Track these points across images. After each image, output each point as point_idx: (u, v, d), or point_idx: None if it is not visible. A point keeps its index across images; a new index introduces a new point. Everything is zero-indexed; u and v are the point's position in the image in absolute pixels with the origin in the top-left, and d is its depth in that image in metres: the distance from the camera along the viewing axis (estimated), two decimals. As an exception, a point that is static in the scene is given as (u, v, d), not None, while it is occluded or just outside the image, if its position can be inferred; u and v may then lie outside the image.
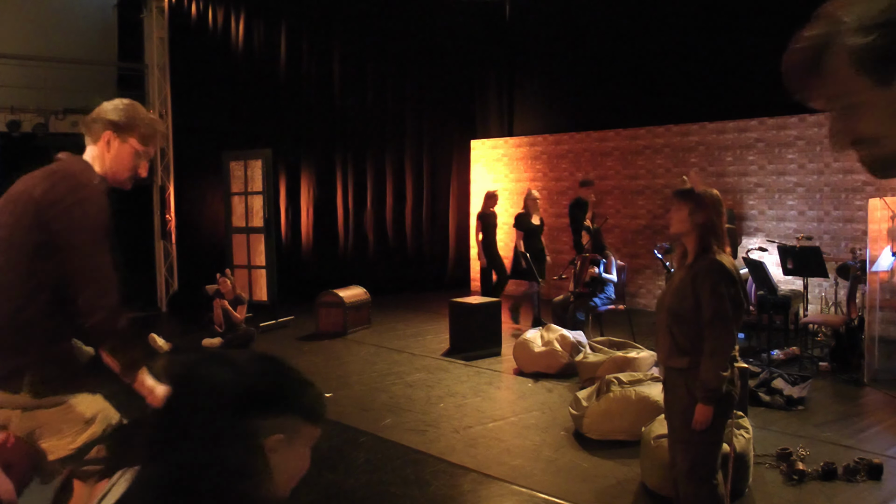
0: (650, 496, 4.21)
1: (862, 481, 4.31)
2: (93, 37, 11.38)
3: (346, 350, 8.24)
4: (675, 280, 3.31)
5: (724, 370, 3.12)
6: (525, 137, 12.18)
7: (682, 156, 10.11)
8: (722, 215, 3.25)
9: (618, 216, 10.70)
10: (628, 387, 5.17)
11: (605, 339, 7.01)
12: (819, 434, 5.15)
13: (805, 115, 8.98)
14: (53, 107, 10.10)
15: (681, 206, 3.25)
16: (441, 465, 4.73)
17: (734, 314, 3.13)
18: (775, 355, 7.11)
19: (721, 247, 3.21)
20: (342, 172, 12.20)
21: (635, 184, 10.57)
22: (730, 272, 3.14)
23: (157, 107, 10.92)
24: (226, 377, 1.23)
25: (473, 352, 7.74)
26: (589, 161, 11.19)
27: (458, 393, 6.41)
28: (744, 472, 4.18)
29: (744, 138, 9.50)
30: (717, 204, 3.23)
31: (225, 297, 8.58)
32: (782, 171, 9.15)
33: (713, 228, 3.19)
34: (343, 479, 4.53)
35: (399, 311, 10.55)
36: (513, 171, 12.20)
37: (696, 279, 3.16)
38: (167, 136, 10.90)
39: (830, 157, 8.77)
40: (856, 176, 8.55)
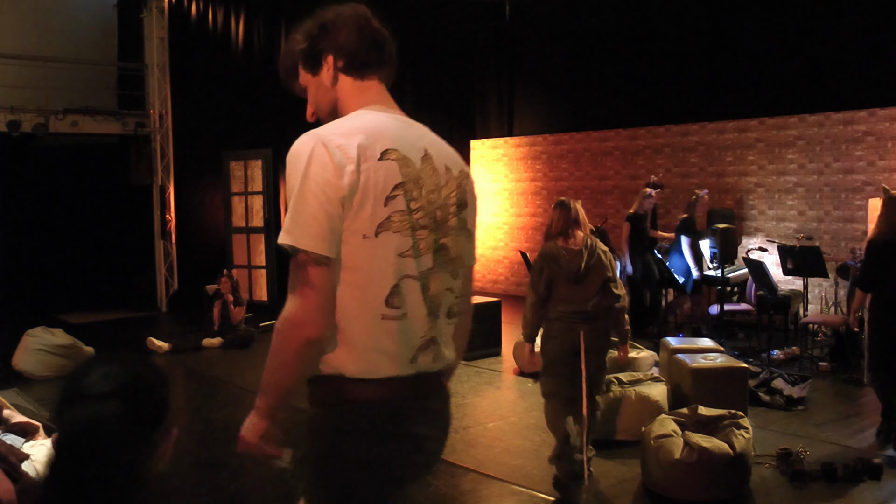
0: (650, 496, 4.20)
1: (862, 481, 4.30)
2: (93, 37, 11.37)
3: (346, 350, 8.22)
4: None
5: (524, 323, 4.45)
6: (525, 137, 12.19)
7: (682, 156, 10.11)
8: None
9: (618, 216, 10.69)
10: (628, 387, 5.17)
11: (604, 339, 6.99)
12: (819, 434, 5.14)
13: (805, 116, 8.98)
14: (53, 107, 10.09)
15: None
16: (441, 465, 4.73)
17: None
18: (775, 355, 7.11)
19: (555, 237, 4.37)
20: (342, 172, 12.18)
21: (635, 184, 10.56)
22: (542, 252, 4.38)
23: (157, 107, 10.92)
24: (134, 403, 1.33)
25: (473, 352, 7.73)
26: (589, 161, 11.19)
27: (458, 393, 6.40)
28: (744, 472, 4.18)
29: (744, 138, 9.50)
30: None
31: (226, 295, 8.58)
32: (782, 171, 9.15)
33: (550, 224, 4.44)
34: (343, 479, 4.52)
35: (399, 311, 10.53)
36: (513, 171, 12.20)
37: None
38: (167, 136, 10.90)
39: (830, 157, 8.78)
40: (856, 176, 8.56)
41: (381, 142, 1.74)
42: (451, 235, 1.85)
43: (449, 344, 1.92)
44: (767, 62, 9.49)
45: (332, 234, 1.67)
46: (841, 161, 8.69)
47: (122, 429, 1.29)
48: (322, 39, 1.88)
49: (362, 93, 1.90)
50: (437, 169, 1.85)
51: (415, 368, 1.79)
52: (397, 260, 1.73)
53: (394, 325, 1.73)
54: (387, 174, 1.72)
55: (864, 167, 8.52)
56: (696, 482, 4.07)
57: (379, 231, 1.70)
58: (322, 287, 1.68)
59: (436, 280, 1.81)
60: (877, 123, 8.42)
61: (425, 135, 1.92)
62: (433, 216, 1.80)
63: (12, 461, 2.89)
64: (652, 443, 4.24)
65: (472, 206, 1.95)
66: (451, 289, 1.88)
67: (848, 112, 8.64)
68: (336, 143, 1.69)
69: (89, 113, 10.48)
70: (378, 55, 1.92)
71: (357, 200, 1.68)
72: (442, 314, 1.85)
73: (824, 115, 8.83)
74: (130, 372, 1.36)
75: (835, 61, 8.93)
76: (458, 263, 1.89)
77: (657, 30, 10.59)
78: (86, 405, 1.29)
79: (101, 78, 11.38)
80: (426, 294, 1.79)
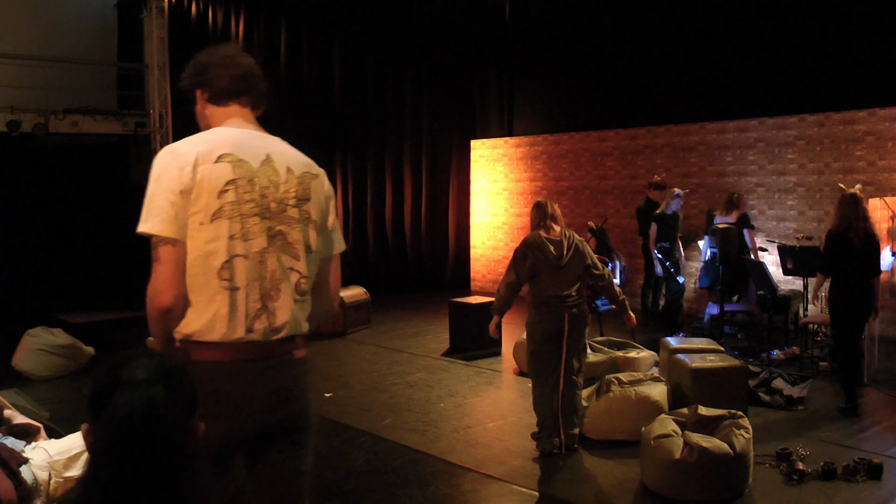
0: (650, 496, 4.21)
1: (862, 481, 4.31)
2: (93, 37, 11.37)
3: (346, 350, 8.24)
4: None
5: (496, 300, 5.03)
6: (525, 137, 12.19)
7: (682, 156, 10.11)
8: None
9: (618, 216, 10.70)
10: (628, 387, 5.18)
11: (605, 339, 7.01)
12: (819, 434, 5.14)
13: (805, 115, 8.98)
14: (53, 107, 10.10)
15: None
16: (441, 465, 4.73)
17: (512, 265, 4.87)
18: (775, 355, 7.11)
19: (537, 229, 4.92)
20: (342, 172, 12.20)
21: (635, 184, 10.57)
22: (527, 241, 4.85)
23: (157, 107, 10.92)
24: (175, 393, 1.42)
25: (473, 352, 7.74)
26: (589, 161, 11.19)
27: (458, 393, 6.41)
28: (744, 472, 4.18)
29: (744, 138, 9.50)
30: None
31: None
32: (782, 171, 9.15)
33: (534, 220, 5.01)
34: (343, 479, 4.53)
35: (399, 311, 10.55)
36: (513, 171, 12.20)
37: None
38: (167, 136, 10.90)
39: (830, 157, 8.78)
40: (856, 176, 8.55)
41: (220, 148, 2.16)
42: (288, 224, 2.21)
43: (295, 317, 2.22)
44: (767, 62, 9.49)
45: (176, 220, 2.07)
46: (841, 161, 8.69)
47: (171, 412, 1.38)
48: (194, 79, 2.38)
49: (225, 116, 2.34)
50: (278, 170, 2.23)
51: (249, 336, 2.13)
52: (228, 242, 2.11)
53: (226, 296, 2.10)
54: (220, 173, 2.12)
55: (864, 167, 8.52)
56: (696, 482, 4.07)
57: (214, 218, 2.10)
58: (170, 262, 2.08)
59: (272, 259, 2.17)
60: (877, 123, 8.42)
61: (273, 144, 2.31)
62: (267, 207, 2.18)
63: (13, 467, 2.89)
64: (652, 443, 4.24)
65: (318, 201, 2.30)
66: (295, 269, 2.22)
67: (848, 112, 8.64)
68: (179, 151, 2.14)
69: (89, 113, 10.48)
70: (239, 86, 2.33)
71: (195, 194, 2.08)
72: (286, 290, 2.20)
73: (824, 115, 8.83)
74: (164, 362, 1.46)
75: (835, 61, 8.93)
76: (299, 248, 2.23)
77: (657, 30, 10.59)
78: (136, 390, 1.37)
79: (101, 78, 11.38)
80: (261, 271, 2.16)
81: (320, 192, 2.32)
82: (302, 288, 2.24)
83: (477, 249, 12.76)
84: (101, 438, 1.36)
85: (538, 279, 4.76)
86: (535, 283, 4.78)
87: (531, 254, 4.75)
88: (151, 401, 1.36)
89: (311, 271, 2.27)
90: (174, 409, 1.39)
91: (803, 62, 9.18)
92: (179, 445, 1.37)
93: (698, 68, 10.11)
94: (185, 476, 1.36)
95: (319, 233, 2.29)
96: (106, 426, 1.35)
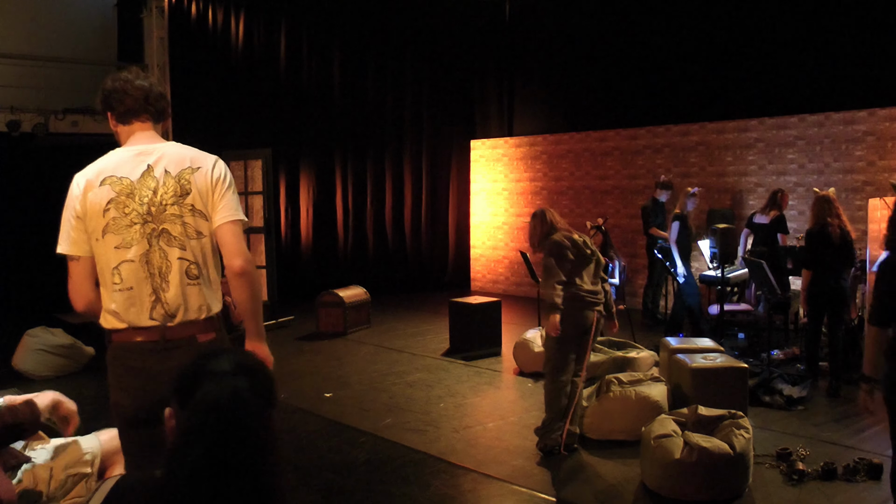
0: (650, 496, 4.21)
1: (862, 481, 4.31)
2: (93, 37, 11.37)
3: (346, 350, 8.24)
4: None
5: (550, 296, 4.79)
6: (525, 137, 12.18)
7: (682, 156, 10.11)
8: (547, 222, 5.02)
9: (618, 216, 10.70)
10: (628, 387, 5.18)
11: (605, 339, 7.01)
12: (819, 434, 5.15)
13: (805, 115, 8.98)
14: (53, 107, 10.09)
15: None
16: (441, 465, 4.73)
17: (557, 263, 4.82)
18: (775, 355, 7.10)
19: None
20: (342, 172, 12.20)
21: (635, 184, 10.57)
22: (558, 241, 4.88)
23: (157, 107, 10.91)
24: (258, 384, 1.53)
25: (473, 352, 7.74)
26: (589, 161, 11.19)
27: (458, 393, 6.41)
28: (744, 472, 4.18)
29: (744, 138, 9.50)
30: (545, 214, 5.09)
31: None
32: (782, 171, 9.15)
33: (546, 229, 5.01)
34: (343, 479, 4.53)
35: (399, 311, 10.55)
36: (513, 171, 12.20)
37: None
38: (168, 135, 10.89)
39: (830, 157, 8.78)
40: (856, 176, 8.56)
41: (105, 172, 2.64)
42: (170, 221, 2.60)
43: (188, 300, 2.64)
44: (767, 62, 9.49)
45: (77, 242, 2.61)
46: (841, 161, 8.69)
47: (255, 402, 1.49)
48: (103, 104, 2.78)
49: (129, 133, 2.75)
50: (156, 177, 2.62)
51: (151, 322, 2.60)
52: (115, 251, 2.58)
53: (122, 295, 2.60)
54: (102, 196, 2.59)
55: (864, 167, 8.52)
56: (696, 482, 4.07)
57: (103, 234, 2.58)
58: (75, 275, 2.66)
59: (155, 257, 2.60)
60: (877, 123, 8.42)
61: (159, 151, 2.68)
62: (148, 212, 2.59)
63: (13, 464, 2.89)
64: (652, 443, 4.24)
65: (199, 190, 2.65)
66: (183, 258, 2.62)
67: (848, 112, 8.64)
68: (76, 182, 2.65)
69: (89, 113, 10.47)
70: (138, 107, 2.72)
71: (87, 217, 2.59)
72: (174, 279, 2.61)
73: (824, 115, 8.83)
74: (247, 357, 1.59)
75: (835, 61, 8.92)
76: (183, 239, 2.62)
77: (657, 30, 10.58)
78: (224, 379, 1.49)
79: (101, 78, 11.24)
80: (148, 269, 2.60)
81: (202, 181, 2.65)
82: (192, 273, 2.64)
83: (477, 249, 12.76)
84: (188, 422, 1.47)
85: (575, 276, 4.82)
86: (571, 280, 4.82)
87: (570, 251, 4.82)
88: (236, 390, 1.48)
89: (201, 255, 2.66)
90: (256, 399, 1.49)
91: (803, 62, 9.18)
92: (260, 433, 1.47)
93: (698, 68, 10.11)
94: (263, 462, 1.46)
95: (208, 217, 2.66)
96: (194, 411, 1.47)
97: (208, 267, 2.68)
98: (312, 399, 6.29)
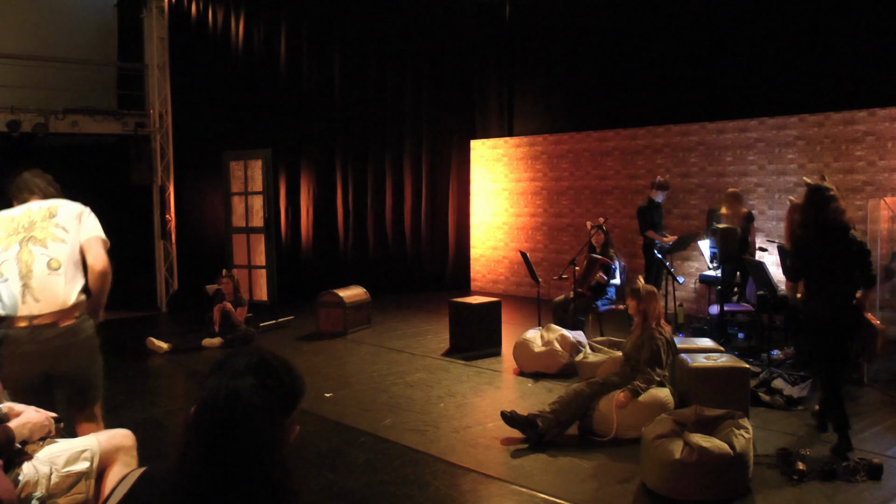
0: (650, 496, 4.21)
1: (862, 481, 4.31)
2: (93, 37, 11.38)
3: (346, 350, 8.24)
4: (633, 337, 5.40)
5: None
6: (525, 137, 12.19)
7: (682, 156, 10.11)
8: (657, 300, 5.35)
9: (618, 216, 10.70)
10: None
11: (605, 339, 7.00)
12: (819, 434, 5.14)
13: (805, 116, 8.98)
14: (53, 107, 10.10)
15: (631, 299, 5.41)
16: (441, 465, 4.73)
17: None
18: (775, 355, 7.10)
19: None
20: (342, 172, 12.20)
21: (635, 184, 10.57)
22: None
23: (157, 107, 10.93)
24: (276, 382, 1.54)
25: (473, 352, 7.74)
26: (589, 161, 11.20)
27: (458, 393, 6.41)
28: (744, 472, 4.18)
29: (744, 138, 9.50)
30: (652, 294, 5.33)
31: (226, 298, 8.58)
32: (782, 171, 9.15)
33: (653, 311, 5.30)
34: (343, 479, 4.53)
35: (399, 311, 10.55)
36: (513, 171, 12.20)
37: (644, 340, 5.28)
38: (167, 136, 10.91)
39: (830, 157, 8.78)
40: (856, 176, 8.56)
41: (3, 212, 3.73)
42: (38, 231, 3.63)
43: (51, 289, 3.54)
44: (767, 62, 9.49)
45: None
46: (841, 161, 8.69)
47: (257, 403, 1.49)
48: (12, 196, 3.84)
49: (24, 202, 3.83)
50: (31, 209, 3.71)
51: (23, 310, 3.50)
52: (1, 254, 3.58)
53: (4, 286, 3.52)
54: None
55: (864, 167, 8.52)
56: (696, 482, 4.07)
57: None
58: None
59: (24, 255, 3.56)
60: (877, 123, 8.42)
61: (41, 202, 3.77)
62: (22, 227, 3.64)
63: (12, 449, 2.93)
64: (652, 443, 4.24)
65: (64, 215, 3.71)
66: (45, 254, 3.57)
67: (848, 112, 8.64)
68: None
69: (89, 113, 10.48)
70: (33, 189, 3.85)
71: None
72: (38, 270, 3.54)
73: (824, 115, 8.82)
74: (269, 359, 1.59)
75: (835, 61, 8.93)
76: (46, 241, 3.60)
77: (657, 30, 10.59)
78: (226, 378, 1.51)
79: (101, 78, 11.38)
80: (18, 265, 3.54)
81: (67, 211, 3.72)
82: (52, 265, 3.57)
83: (477, 249, 12.76)
84: (190, 420, 1.50)
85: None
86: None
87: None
88: (236, 390, 1.48)
89: (61, 253, 3.60)
90: (263, 401, 1.49)
91: (803, 62, 9.18)
92: (264, 435, 1.48)
93: (698, 68, 10.11)
94: (270, 461, 1.47)
95: (66, 230, 3.65)
96: (196, 409, 1.50)
97: (64, 263, 3.58)
98: (312, 399, 6.28)
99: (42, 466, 2.91)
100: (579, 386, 5.31)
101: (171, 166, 10.95)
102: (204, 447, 1.45)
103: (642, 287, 5.36)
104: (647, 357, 5.18)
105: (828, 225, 4.78)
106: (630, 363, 5.35)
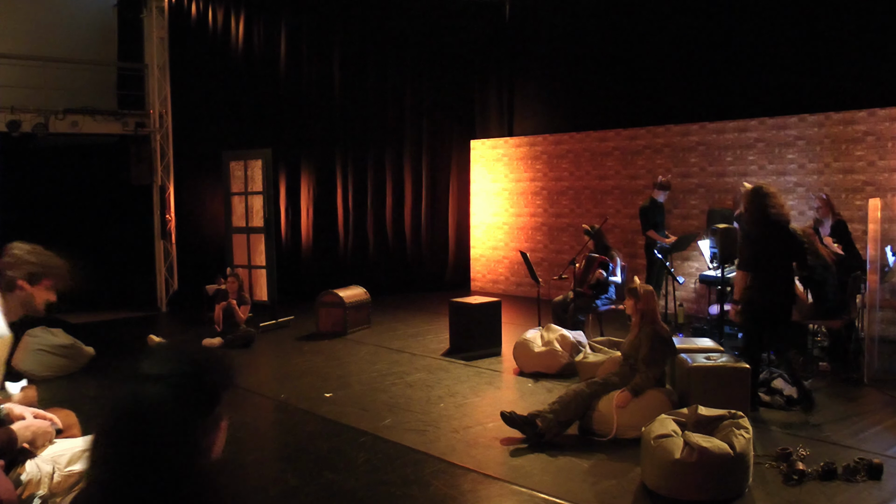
0: (650, 496, 4.21)
1: (862, 481, 4.31)
2: (93, 37, 11.37)
3: (346, 350, 8.24)
4: (631, 336, 5.39)
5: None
6: (525, 137, 12.19)
7: (682, 156, 10.11)
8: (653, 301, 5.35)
9: (618, 216, 10.70)
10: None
11: (605, 339, 7.00)
12: (819, 434, 5.15)
13: (805, 116, 8.98)
14: (53, 107, 10.10)
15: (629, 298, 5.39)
16: (441, 465, 4.73)
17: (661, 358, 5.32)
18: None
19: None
20: (342, 172, 12.20)
21: (635, 184, 10.57)
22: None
23: (157, 107, 10.93)
24: (201, 379, 1.43)
25: (473, 352, 7.74)
26: (589, 161, 11.20)
27: (458, 393, 6.41)
28: (744, 472, 4.18)
29: (744, 138, 9.50)
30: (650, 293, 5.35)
31: (231, 297, 8.58)
32: (782, 171, 9.15)
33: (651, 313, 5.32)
34: (343, 479, 4.53)
35: (399, 311, 10.55)
36: (513, 171, 12.20)
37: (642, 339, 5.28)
38: (167, 136, 10.90)
39: (830, 157, 8.78)
40: (856, 176, 8.56)
41: None
42: None
43: None
44: (767, 62, 9.49)
45: None
46: (841, 161, 8.69)
47: (165, 411, 1.35)
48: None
49: None
50: None
51: None
52: None
53: None
54: None
55: (864, 167, 8.52)
56: (696, 482, 4.07)
57: None
58: None
59: None
60: (877, 123, 8.42)
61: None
62: None
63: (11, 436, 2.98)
64: (652, 443, 4.24)
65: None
66: None
67: (848, 112, 8.64)
68: None
69: (89, 113, 10.48)
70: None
71: None
72: None
73: (824, 115, 8.82)
74: (183, 359, 1.45)
75: (835, 61, 8.93)
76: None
77: (657, 30, 10.59)
78: (132, 384, 1.38)
79: (101, 78, 11.38)
80: None
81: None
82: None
83: (477, 249, 12.76)
84: (97, 425, 1.39)
85: None
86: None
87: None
88: (139, 398, 1.35)
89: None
90: (173, 408, 1.36)
91: (803, 62, 9.18)
92: (173, 442, 1.35)
93: (698, 68, 10.11)
94: (180, 469, 1.34)
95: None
96: (103, 414, 1.38)
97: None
98: (312, 399, 6.29)
99: (45, 465, 2.92)
100: (579, 386, 5.31)
101: (171, 166, 10.95)
102: (108, 458, 1.36)
103: (639, 286, 5.36)
104: (644, 355, 5.19)
105: (770, 221, 5.49)
106: (629, 362, 5.34)
